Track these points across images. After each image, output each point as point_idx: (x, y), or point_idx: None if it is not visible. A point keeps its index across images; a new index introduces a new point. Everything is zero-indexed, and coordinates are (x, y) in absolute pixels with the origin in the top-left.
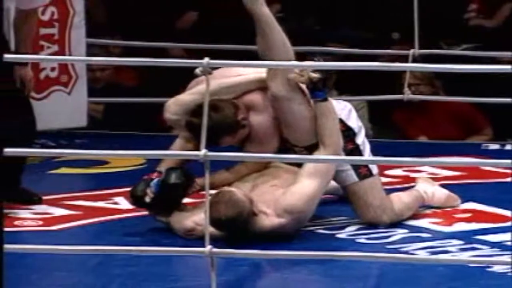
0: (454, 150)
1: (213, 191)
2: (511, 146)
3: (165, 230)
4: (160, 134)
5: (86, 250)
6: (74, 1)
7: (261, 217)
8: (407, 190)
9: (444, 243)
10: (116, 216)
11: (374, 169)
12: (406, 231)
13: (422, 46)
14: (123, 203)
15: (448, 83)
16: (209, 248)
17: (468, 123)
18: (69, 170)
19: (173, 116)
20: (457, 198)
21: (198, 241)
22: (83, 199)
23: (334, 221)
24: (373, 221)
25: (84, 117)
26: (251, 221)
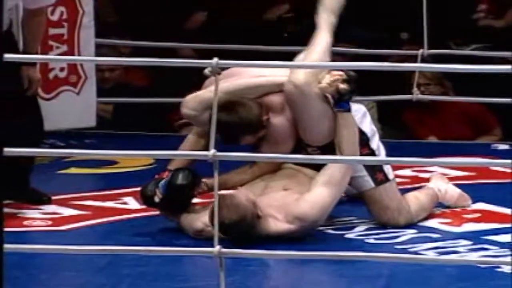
0: (464, 150)
1: (223, 191)
2: None
3: (174, 230)
4: (169, 134)
5: (95, 250)
6: (84, 1)
7: (269, 221)
8: (422, 188)
9: (453, 243)
10: (125, 216)
11: (390, 174)
12: (415, 231)
13: (431, 46)
14: (132, 203)
15: (458, 83)
16: (218, 248)
17: (477, 123)
18: (78, 170)
19: (191, 112)
20: (468, 198)
21: (207, 241)
22: (92, 199)
23: (343, 221)
24: (390, 223)
25: (93, 117)
26: (256, 224)
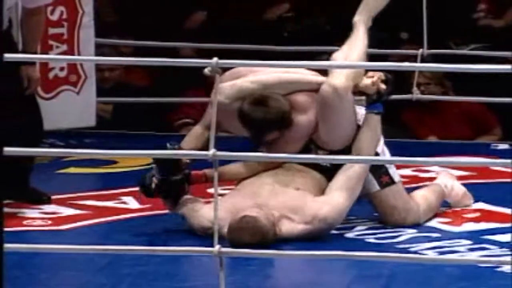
0: (464, 150)
1: (222, 190)
2: None
3: (174, 230)
4: (169, 134)
5: (95, 249)
6: (83, 1)
7: (284, 222)
8: (429, 185)
9: (453, 243)
10: (125, 216)
11: (396, 177)
12: (415, 231)
13: (430, 46)
14: (131, 203)
15: (458, 83)
16: (217, 247)
17: (477, 123)
18: (78, 170)
19: (225, 99)
20: (471, 197)
21: (207, 240)
22: (92, 198)
23: (343, 220)
24: (397, 223)
25: (93, 117)
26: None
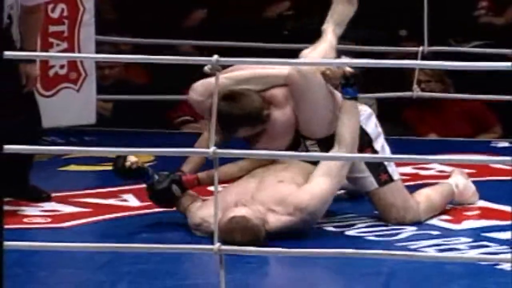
0: (464, 147)
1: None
2: None
3: (174, 228)
4: (169, 132)
5: (95, 247)
6: None
7: (269, 216)
8: (437, 184)
9: (453, 240)
10: (125, 214)
11: (395, 174)
12: (415, 228)
13: (430, 43)
14: (132, 201)
15: (459, 81)
16: (217, 245)
17: (477, 120)
18: (78, 167)
19: (199, 97)
20: (477, 195)
21: (207, 238)
22: (92, 196)
23: (343, 218)
24: (397, 221)
25: (93, 114)
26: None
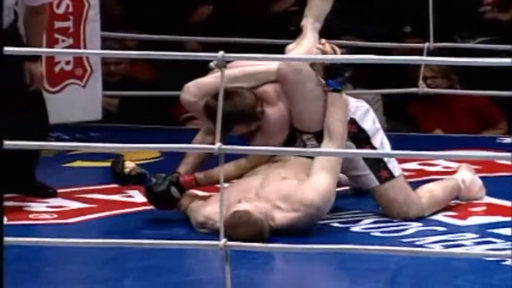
0: (469, 143)
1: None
2: None
3: (179, 224)
4: (175, 128)
5: (100, 243)
6: None
7: (275, 213)
8: (442, 180)
9: (459, 236)
10: (131, 210)
11: (396, 171)
12: (421, 224)
13: (435, 39)
14: (137, 197)
15: (464, 77)
16: (223, 241)
17: (483, 116)
18: (84, 164)
19: (191, 98)
20: (484, 190)
21: (212, 234)
22: (98, 192)
23: (348, 214)
24: (399, 217)
25: (99, 110)
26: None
